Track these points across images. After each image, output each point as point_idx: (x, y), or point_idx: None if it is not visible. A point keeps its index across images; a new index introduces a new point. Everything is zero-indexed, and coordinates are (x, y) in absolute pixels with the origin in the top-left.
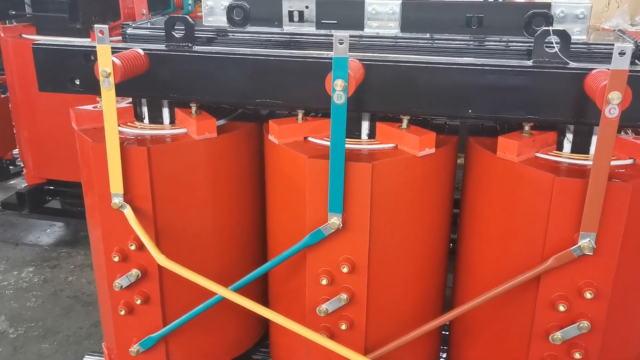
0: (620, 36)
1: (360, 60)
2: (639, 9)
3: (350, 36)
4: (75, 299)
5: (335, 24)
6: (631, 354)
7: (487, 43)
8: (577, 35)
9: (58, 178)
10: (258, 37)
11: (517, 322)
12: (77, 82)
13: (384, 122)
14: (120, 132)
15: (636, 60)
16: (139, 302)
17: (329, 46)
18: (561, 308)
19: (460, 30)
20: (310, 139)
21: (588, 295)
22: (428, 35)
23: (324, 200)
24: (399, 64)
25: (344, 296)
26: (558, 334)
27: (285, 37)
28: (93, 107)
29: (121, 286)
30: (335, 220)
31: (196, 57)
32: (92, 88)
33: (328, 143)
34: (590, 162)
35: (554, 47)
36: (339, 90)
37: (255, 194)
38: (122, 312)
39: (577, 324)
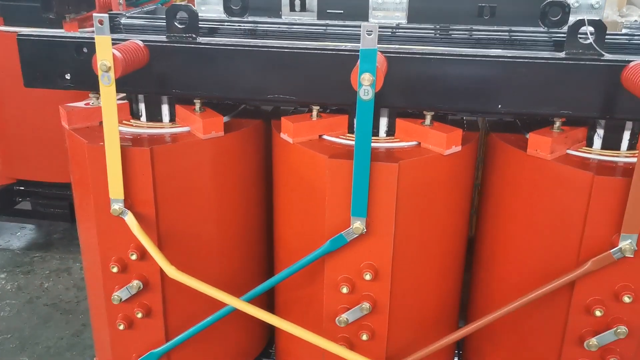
0: None
1: (382, 52)
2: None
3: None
4: (53, 306)
5: (340, 14)
6: None
7: (507, 34)
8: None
9: (29, 178)
10: (265, 27)
11: (548, 327)
12: (68, 76)
13: (404, 118)
14: None
15: None
16: (140, 315)
17: (344, 38)
18: (597, 313)
19: (472, 21)
20: (325, 137)
21: (626, 299)
22: (439, 26)
23: (346, 204)
24: (425, 57)
25: (366, 305)
26: (594, 340)
27: (295, 28)
28: (85, 104)
29: (120, 299)
30: (358, 225)
31: (202, 49)
32: (85, 83)
33: (346, 141)
34: (623, 159)
35: (588, 38)
36: (366, 85)
37: (261, 196)
38: (121, 327)
39: (614, 329)
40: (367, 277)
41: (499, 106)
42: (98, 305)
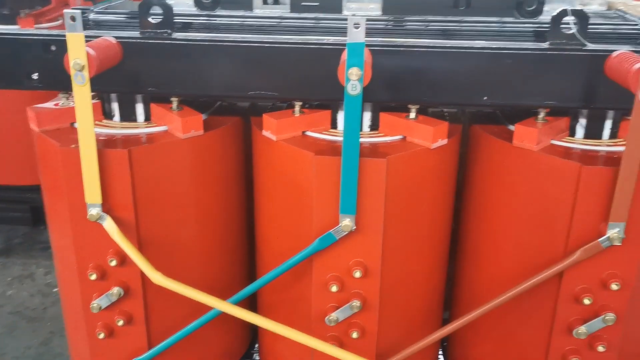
0: (621, 15)
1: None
2: None
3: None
4: (17, 315)
5: (315, 6)
6: None
7: (484, 25)
8: None
9: None
10: (242, 21)
11: (536, 317)
12: (35, 76)
13: (388, 112)
14: None
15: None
16: (120, 323)
17: (323, 31)
18: (586, 301)
19: (447, 12)
20: (309, 133)
21: (614, 287)
22: (419, 18)
23: (333, 201)
24: (410, 49)
25: (356, 303)
26: (582, 328)
27: (272, 22)
28: (54, 105)
29: (100, 307)
30: (348, 222)
31: (179, 45)
32: (54, 83)
33: (330, 137)
34: (605, 148)
35: (570, 28)
36: (353, 80)
37: (240, 196)
38: (102, 336)
39: (603, 316)
40: (357, 274)
41: (485, 98)
42: (75, 314)
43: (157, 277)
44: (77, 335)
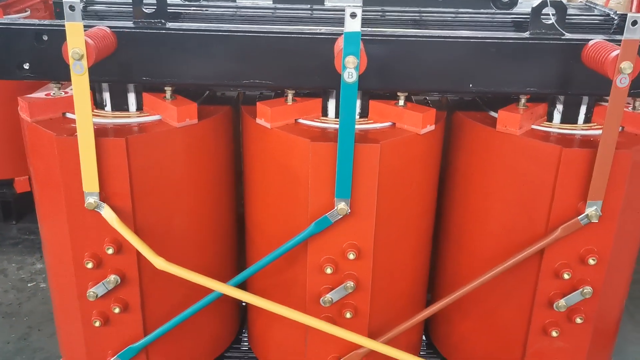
0: (591, 6)
1: None
2: None
3: (315, 9)
4: None
5: None
6: (617, 313)
7: (463, 16)
8: None
9: None
10: (232, 12)
11: (518, 292)
12: (27, 66)
13: (377, 100)
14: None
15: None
16: (117, 310)
17: (315, 22)
18: (566, 276)
19: (425, 3)
20: (301, 121)
21: (591, 262)
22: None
23: (329, 186)
24: (399, 39)
25: (350, 284)
26: (562, 301)
27: (264, 12)
28: (46, 95)
29: (97, 295)
30: (343, 206)
31: (173, 35)
32: (45, 73)
33: (322, 124)
34: (580, 131)
35: (550, 18)
36: (350, 68)
37: (230, 184)
38: (97, 324)
39: (581, 290)
40: (351, 256)
41: (470, 85)
42: (68, 304)
43: (159, 262)
44: (69, 325)
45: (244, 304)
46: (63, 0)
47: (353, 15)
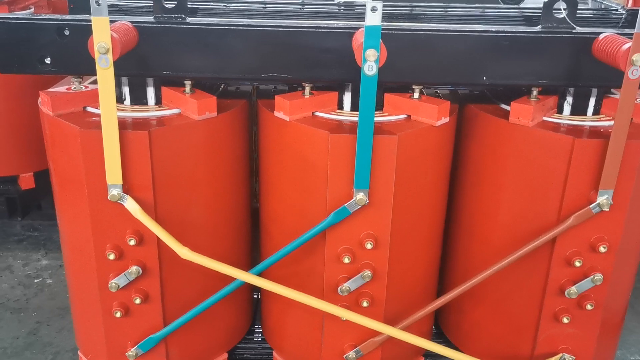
0: (598, 1)
1: None
2: None
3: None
4: (1, 306)
5: None
6: (624, 299)
7: (475, 10)
8: None
9: None
10: (250, 7)
11: (530, 280)
12: (48, 60)
13: (391, 92)
14: (97, 116)
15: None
16: (138, 301)
17: (329, 16)
18: (577, 264)
19: None
20: (318, 113)
21: (602, 249)
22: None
23: (347, 177)
24: (415, 33)
25: (367, 273)
26: (573, 289)
27: (279, 7)
28: (66, 89)
29: (118, 286)
30: (362, 196)
31: (194, 30)
32: (66, 67)
33: (339, 117)
34: (589, 123)
35: (561, 12)
36: (370, 61)
37: (245, 176)
38: (118, 314)
39: (592, 277)
40: (369, 246)
41: (484, 78)
42: (88, 295)
43: (184, 252)
44: (89, 316)
45: (255, 296)
46: None
47: (374, 10)
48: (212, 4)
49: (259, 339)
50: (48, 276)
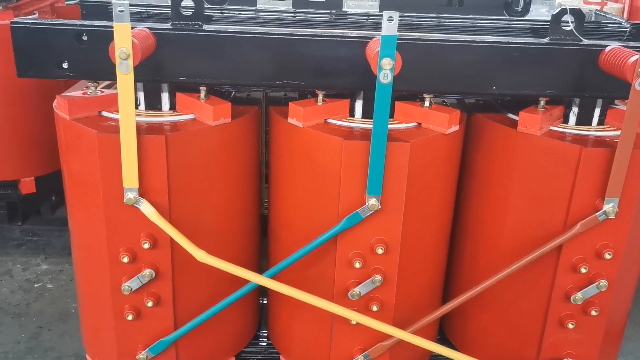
0: (603, 15)
1: None
2: None
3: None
4: (1, 311)
5: (317, 3)
6: (627, 305)
7: (483, 22)
8: (548, 16)
9: None
10: (264, 15)
11: (536, 286)
12: (65, 65)
13: (402, 101)
14: (113, 121)
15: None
16: (150, 304)
17: (340, 25)
18: (583, 270)
19: (442, 10)
20: (330, 120)
21: (607, 256)
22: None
23: (359, 183)
24: (428, 43)
25: (378, 277)
26: (579, 295)
27: (291, 16)
28: (82, 93)
29: (131, 289)
30: (374, 202)
31: (211, 37)
32: (83, 72)
33: (349, 124)
34: (594, 132)
35: (569, 25)
36: (386, 69)
37: (256, 181)
38: (130, 317)
39: (597, 283)
40: (379, 251)
41: (494, 87)
42: (99, 298)
43: (201, 255)
44: (99, 319)
45: (261, 301)
46: (113, 2)
47: (390, 19)
48: (228, 12)
49: (265, 344)
50: (48, 281)
